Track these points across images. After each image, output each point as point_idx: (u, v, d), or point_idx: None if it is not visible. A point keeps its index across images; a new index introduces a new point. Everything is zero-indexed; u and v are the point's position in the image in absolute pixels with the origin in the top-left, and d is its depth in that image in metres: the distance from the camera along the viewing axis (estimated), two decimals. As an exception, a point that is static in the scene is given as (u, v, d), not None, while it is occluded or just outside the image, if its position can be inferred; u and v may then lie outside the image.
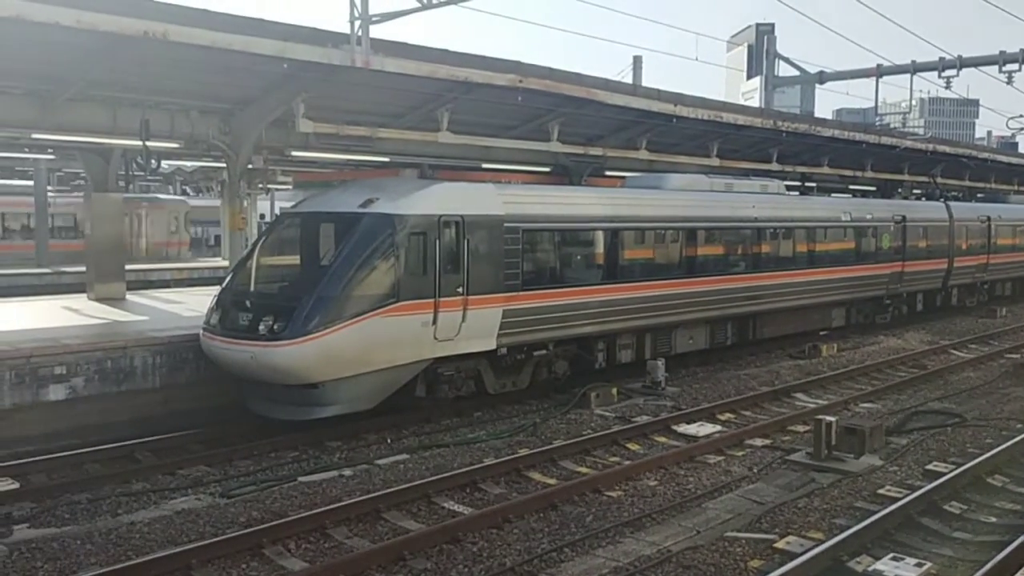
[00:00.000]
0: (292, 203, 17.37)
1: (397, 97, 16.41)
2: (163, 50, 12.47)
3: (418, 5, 13.84)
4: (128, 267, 21.01)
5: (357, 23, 13.67)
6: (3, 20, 10.79)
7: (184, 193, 52.11)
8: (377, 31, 13.84)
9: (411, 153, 17.78)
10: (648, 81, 31.71)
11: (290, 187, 33.68)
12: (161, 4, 12.04)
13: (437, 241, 13.24)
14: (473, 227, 13.75)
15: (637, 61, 30.96)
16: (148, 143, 14.53)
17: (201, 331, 13.34)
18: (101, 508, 10.12)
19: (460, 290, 13.52)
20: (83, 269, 22.98)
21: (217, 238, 43.06)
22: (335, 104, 15.91)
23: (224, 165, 18.99)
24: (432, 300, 13.15)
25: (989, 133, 74.46)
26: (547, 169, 21.06)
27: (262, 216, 40.70)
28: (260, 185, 21.89)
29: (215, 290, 14.23)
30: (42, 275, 28.02)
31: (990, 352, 21.04)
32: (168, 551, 8.52)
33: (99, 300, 18.73)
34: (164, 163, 25.70)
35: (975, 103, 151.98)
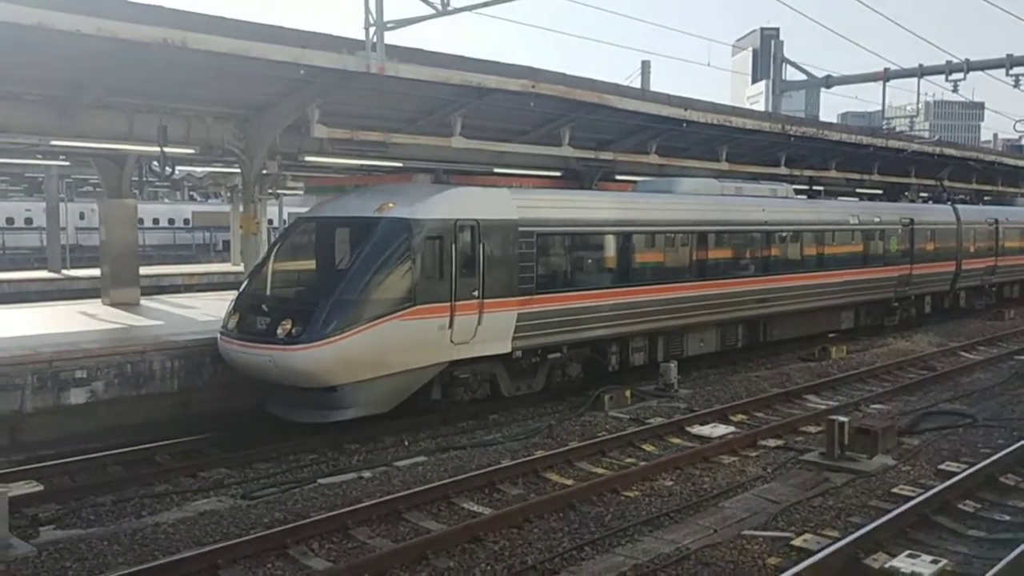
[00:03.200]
0: (302, 209, 17.46)
1: (411, 102, 16.57)
2: (181, 57, 12.60)
3: (433, 12, 14.01)
4: (141, 271, 21.15)
5: (372, 29, 13.84)
6: (25, 28, 10.96)
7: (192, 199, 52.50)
8: (392, 37, 14.02)
9: (424, 158, 17.93)
10: (654, 86, 31.92)
11: (299, 192, 33.94)
12: (180, 12, 12.21)
13: (453, 245, 13.39)
14: (488, 231, 13.90)
15: (645, 66, 31.14)
16: (165, 149, 14.70)
17: (219, 335, 13.51)
18: (125, 510, 10.31)
19: (476, 294, 13.68)
20: (95, 274, 23.23)
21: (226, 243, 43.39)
22: (349, 110, 16.08)
23: (237, 170, 19.18)
24: (448, 304, 13.30)
25: (995, 136, 74.51)
26: (558, 173, 21.21)
27: (270, 221, 40.99)
28: (269, 191, 22.07)
29: (228, 295, 14.38)
30: (54, 280, 28.18)
31: (999, 354, 21.14)
32: (195, 551, 8.67)
33: (114, 305, 18.91)
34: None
35: (980, 106, 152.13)
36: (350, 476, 11.44)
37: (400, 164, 18.49)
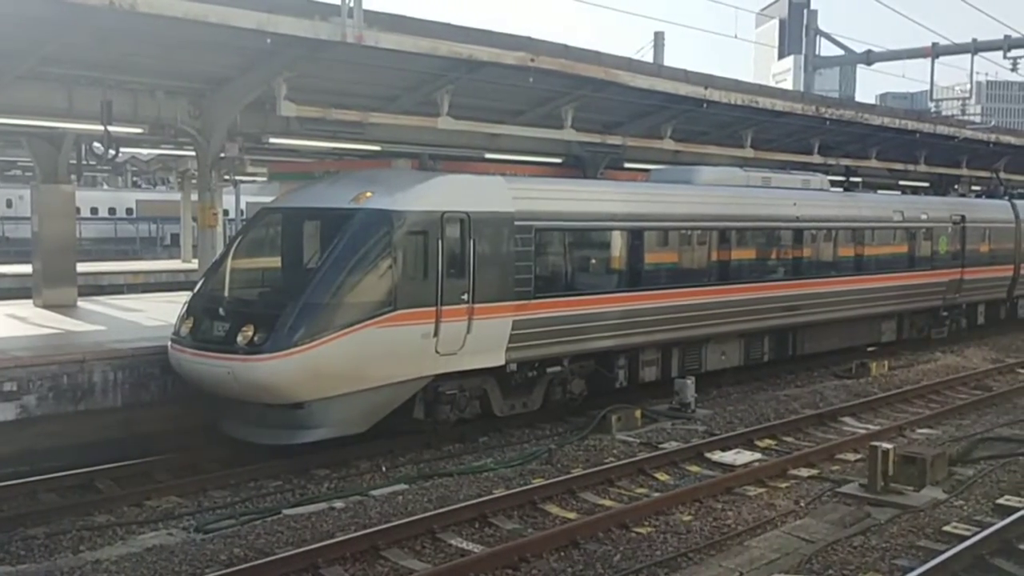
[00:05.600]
0: (260, 198, 17.42)
1: (392, 77, 16.59)
2: (129, 22, 12.61)
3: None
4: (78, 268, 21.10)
5: (349, -7, 13.82)
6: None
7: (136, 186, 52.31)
8: (372, 2, 14.03)
9: (406, 141, 17.93)
10: (668, 61, 31.94)
11: (257, 179, 33.88)
12: (128, -29, 12.18)
13: (440, 241, 13.38)
14: (480, 226, 13.89)
15: (659, 37, 31.18)
16: (110, 127, 14.66)
17: (169, 343, 13.46)
18: (61, 544, 10.24)
19: (465, 297, 13.66)
20: (26, 271, 23.15)
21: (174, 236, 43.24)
22: (321, 85, 16.08)
23: (189, 153, 19.10)
24: (434, 308, 13.28)
25: (1057, 122, 74.96)
26: (559, 160, 21.22)
27: (226, 212, 40.90)
28: (226, 177, 22.28)
29: (178, 296, 14.34)
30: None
31: (1063, 372, 21.24)
32: (142, 592, 8.63)
33: (47, 307, 18.87)
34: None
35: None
36: (320, 506, 11.40)
37: (379, 148, 18.48)
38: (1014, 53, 28.50)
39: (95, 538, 10.42)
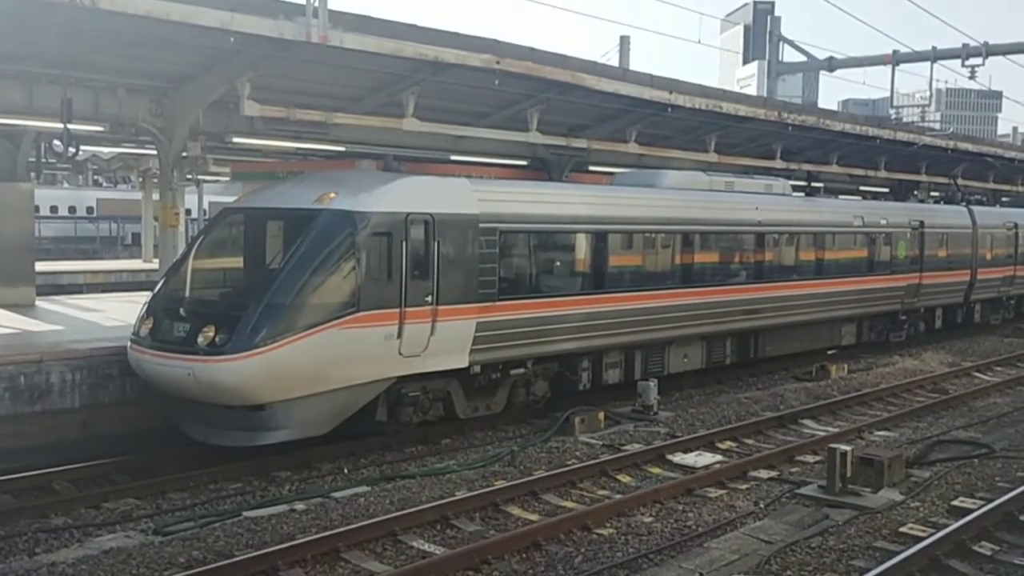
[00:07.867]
0: (224, 198, 17.29)
1: (356, 77, 16.55)
2: (91, 19, 12.50)
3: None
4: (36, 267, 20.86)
5: (314, -8, 13.77)
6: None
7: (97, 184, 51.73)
8: (337, 2, 13.97)
9: (371, 142, 17.90)
10: (633, 65, 32.19)
11: (221, 179, 33.62)
12: (89, -33, 12.06)
13: (404, 243, 13.35)
14: (444, 227, 13.87)
15: (624, 42, 31.31)
16: (69, 125, 14.51)
17: (129, 343, 13.32)
18: (16, 546, 10.10)
19: (429, 299, 13.64)
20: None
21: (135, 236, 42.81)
22: (285, 84, 16.03)
23: (151, 152, 18.93)
24: (397, 310, 13.25)
25: (1014, 129, 76.04)
26: (524, 163, 21.26)
27: (188, 212, 40.53)
28: (188, 176, 22.13)
29: (139, 296, 14.21)
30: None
31: (1018, 375, 21.50)
32: (99, 595, 8.54)
33: (4, 306, 18.62)
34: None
35: (999, 95, 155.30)
36: (280, 508, 11.33)
37: (343, 148, 18.43)
38: (972, 61, 28.95)
39: (51, 540, 10.28)
